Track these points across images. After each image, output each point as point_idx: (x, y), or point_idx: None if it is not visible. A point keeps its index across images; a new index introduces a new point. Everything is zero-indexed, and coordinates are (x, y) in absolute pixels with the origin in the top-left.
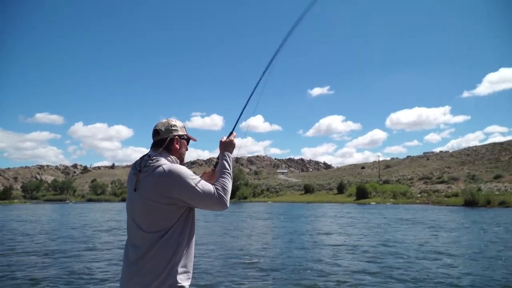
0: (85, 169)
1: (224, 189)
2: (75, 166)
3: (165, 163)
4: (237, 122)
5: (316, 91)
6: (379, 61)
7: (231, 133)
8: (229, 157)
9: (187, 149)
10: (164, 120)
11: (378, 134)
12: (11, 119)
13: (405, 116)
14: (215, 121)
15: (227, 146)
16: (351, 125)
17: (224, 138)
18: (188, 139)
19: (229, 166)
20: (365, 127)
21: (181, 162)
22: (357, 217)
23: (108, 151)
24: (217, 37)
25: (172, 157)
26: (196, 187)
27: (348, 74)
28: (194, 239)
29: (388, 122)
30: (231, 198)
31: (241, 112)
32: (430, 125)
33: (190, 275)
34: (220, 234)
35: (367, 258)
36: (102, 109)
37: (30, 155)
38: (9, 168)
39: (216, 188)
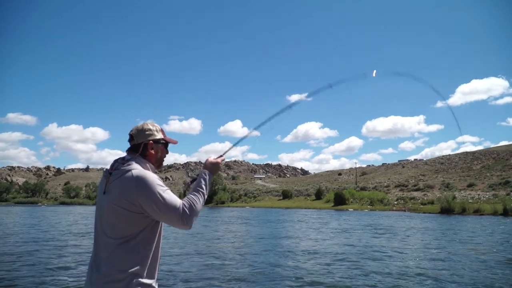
0: (58, 171)
1: (192, 208)
2: (48, 168)
3: (136, 168)
4: (230, 148)
5: (294, 97)
6: (356, 69)
7: (220, 156)
8: (209, 177)
9: (167, 153)
10: (140, 124)
11: (354, 141)
12: None
13: (381, 124)
14: (193, 125)
15: (211, 166)
16: (328, 132)
17: (211, 158)
18: (166, 143)
19: (206, 186)
20: (342, 134)
21: (159, 167)
22: (335, 223)
23: (83, 153)
24: (197, 40)
25: (148, 163)
26: (161, 198)
27: (326, 81)
28: (159, 251)
29: (364, 130)
30: (208, 203)
31: (237, 142)
32: (405, 134)
33: (154, 284)
34: (196, 239)
35: (345, 264)
36: (78, 110)
37: (0, 156)
38: None
39: (183, 204)
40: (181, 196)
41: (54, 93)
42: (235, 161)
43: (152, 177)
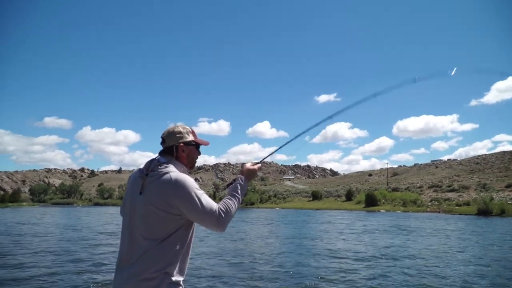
0: (92, 173)
1: (227, 211)
2: (82, 170)
3: (173, 171)
4: (270, 155)
5: (323, 98)
6: (386, 68)
7: (258, 163)
8: (245, 183)
9: (199, 154)
10: (171, 127)
11: (385, 141)
12: (20, 122)
13: (412, 124)
14: (221, 127)
15: (249, 173)
16: (358, 132)
17: (249, 165)
18: (197, 145)
19: (242, 191)
20: (372, 135)
21: (191, 168)
22: (367, 225)
23: (115, 155)
24: (225, 41)
25: (182, 166)
26: (198, 201)
27: (356, 81)
28: (190, 249)
29: (395, 130)
30: None
31: (276, 150)
32: (437, 133)
33: (182, 284)
34: (227, 240)
35: (381, 266)
36: (110, 113)
37: (38, 159)
38: (17, 171)
39: (219, 208)
40: (211, 197)
41: (88, 96)
42: (263, 162)
43: (190, 180)
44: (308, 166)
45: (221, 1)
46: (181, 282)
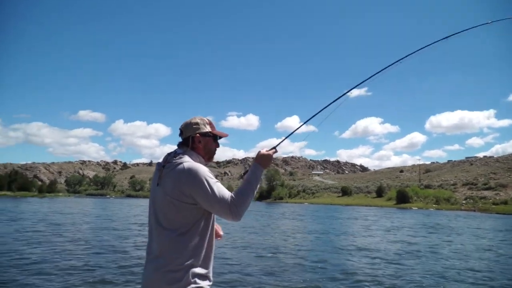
0: (124, 166)
1: (240, 199)
2: (115, 162)
3: (188, 160)
4: (284, 139)
5: (354, 92)
6: (419, 61)
7: (273, 148)
8: (259, 170)
9: (217, 146)
10: (189, 119)
11: (417, 137)
12: (57, 115)
13: (446, 119)
14: (250, 121)
15: (262, 159)
16: (389, 128)
17: (264, 151)
18: (214, 136)
19: (256, 179)
20: (404, 130)
21: (210, 160)
22: (398, 222)
23: (147, 148)
24: (255, 36)
25: (198, 156)
26: (210, 189)
27: (387, 75)
28: (213, 242)
29: (427, 125)
30: (266, 198)
31: (292, 132)
32: (472, 129)
33: (210, 276)
34: (256, 233)
35: (408, 265)
36: (142, 107)
37: (73, 151)
38: (53, 162)
39: (232, 196)
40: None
41: (120, 91)
42: (292, 157)
43: (202, 169)
44: (338, 161)
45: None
46: (208, 275)
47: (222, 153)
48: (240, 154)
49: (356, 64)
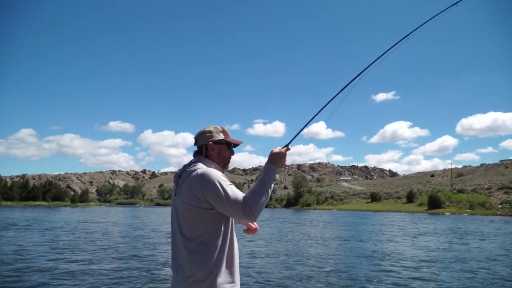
0: (153, 175)
1: (254, 200)
2: (144, 171)
3: (201, 167)
4: (297, 134)
5: (381, 96)
6: (449, 62)
7: (286, 146)
8: (272, 170)
9: (232, 153)
10: (203, 128)
11: (448, 140)
12: (88, 127)
13: (478, 122)
14: (277, 128)
15: (275, 158)
16: (418, 131)
17: (277, 149)
18: (228, 143)
19: (270, 179)
20: (434, 133)
21: (225, 167)
22: (431, 228)
23: (174, 157)
24: (281, 44)
25: (212, 163)
26: (223, 192)
27: (415, 77)
28: (236, 246)
29: (458, 128)
30: (293, 205)
31: (305, 125)
32: (506, 131)
33: (236, 283)
34: (282, 240)
35: (438, 273)
36: (170, 117)
37: (103, 161)
38: (85, 172)
39: (245, 197)
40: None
41: (149, 101)
42: (319, 163)
43: (215, 172)
44: (366, 166)
45: (285, 5)
46: (235, 281)
47: (249, 160)
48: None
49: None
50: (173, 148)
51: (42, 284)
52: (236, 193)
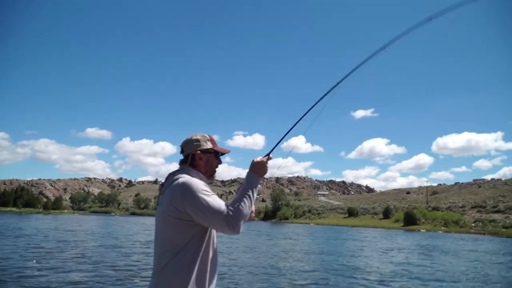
0: (129, 183)
1: (237, 211)
2: (120, 179)
3: (183, 176)
4: (278, 143)
5: (360, 113)
6: (426, 83)
7: (267, 155)
8: (254, 179)
9: (219, 163)
10: (190, 136)
11: (423, 158)
12: (64, 132)
13: (452, 141)
14: (256, 141)
15: (257, 167)
16: (395, 149)
17: (258, 158)
18: (216, 153)
19: (252, 188)
20: (410, 151)
21: (211, 177)
22: (407, 244)
23: (152, 166)
24: (263, 57)
25: (198, 173)
26: (204, 202)
27: (394, 95)
28: (214, 260)
29: (434, 147)
30: (271, 218)
31: (286, 133)
32: (480, 151)
33: None
34: (258, 253)
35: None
36: (149, 125)
37: (79, 168)
38: (59, 179)
39: (229, 208)
40: None
41: (127, 109)
42: (298, 176)
43: (196, 182)
44: (343, 182)
45: (266, 20)
46: None
47: (228, 172)
48: (245, 174)
49: (362, 83)
50: (151, 157)
51: None
52: (219, 204)
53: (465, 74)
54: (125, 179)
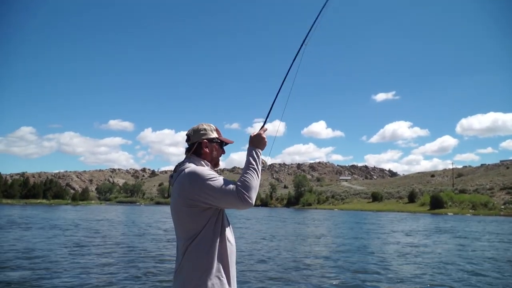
0: (153, 173)
1: (246, 186)
2: (144, 170)
3: (189, 166)
4: (269, 113)
5: (381, 96)
6: (449, 62)
7: (262, 127)
8: (256, 153)
9: (223, 153)
10: (196, 125)
11: (447, 140)
12: (88, 125)
13: (478, 122)
14: (276, 127)
15: (255, 141)
16: (418, 131)
17: (254, 132)
18: (221, 142)
19: (256, 162)
20: (434, 133)
21: (215, 166)
22: (436, 228)
23: (174, 156)
24: (282, 43)
25: (203, 161)
26: (214, 185)
27: (415, 77)
28: (231, 243)
29: (458, 128)
30: (294, 204)
31: (273, 100)
32: (506, 131)
33: (230, 281)
34: (277, 240)
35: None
36: (170, 116)
37: (103, 159)
38: (85, 171)
39: (237, 185)
40: (268, 197)
41: (149, 100)
42: (319, 162)
43: (201, 169)
44: (366, 166)
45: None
46: (231, 282)
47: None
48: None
49: (383, 65)
50: (173, 147)
51: (49, 278)
52: (227, 183)
53: (490, 51)
54: (149, 169)
